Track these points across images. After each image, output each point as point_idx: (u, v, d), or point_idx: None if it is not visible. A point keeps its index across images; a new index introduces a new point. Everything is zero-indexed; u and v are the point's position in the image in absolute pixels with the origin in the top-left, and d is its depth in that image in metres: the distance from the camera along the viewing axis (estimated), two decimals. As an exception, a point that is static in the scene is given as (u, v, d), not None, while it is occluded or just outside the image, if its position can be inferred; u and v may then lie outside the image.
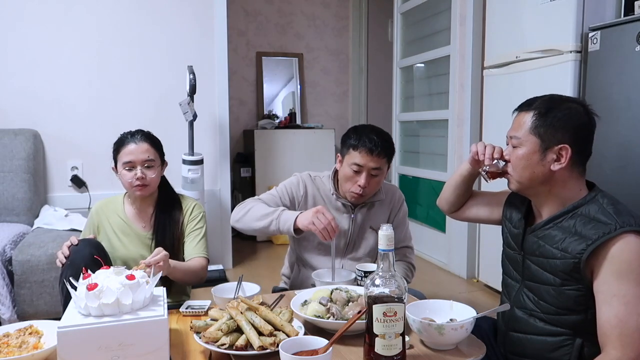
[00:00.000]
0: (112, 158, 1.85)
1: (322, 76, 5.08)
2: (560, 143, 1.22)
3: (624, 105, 2.02)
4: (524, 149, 1.25)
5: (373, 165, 1.68)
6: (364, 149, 1.67)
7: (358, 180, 1.70)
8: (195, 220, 1.86)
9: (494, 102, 2.89)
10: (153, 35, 3.24)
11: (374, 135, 1.69)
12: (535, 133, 1.24)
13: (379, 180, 1.73)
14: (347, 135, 1.76)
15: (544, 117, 1.23)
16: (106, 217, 1.86)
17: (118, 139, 1.84)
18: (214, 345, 1.14)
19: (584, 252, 1.15)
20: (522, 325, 1.30)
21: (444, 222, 3.58)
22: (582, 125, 1.24)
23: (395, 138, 4.27)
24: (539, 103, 1.26)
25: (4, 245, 2.38)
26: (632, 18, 2.00)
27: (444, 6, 3.55)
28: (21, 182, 2.80)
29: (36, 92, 3.03)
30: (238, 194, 4.51)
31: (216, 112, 3.41)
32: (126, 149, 1.77)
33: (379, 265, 1.07)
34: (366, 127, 1.76)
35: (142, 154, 1.77)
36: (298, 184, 1.82)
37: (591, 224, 1.17)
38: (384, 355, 1.04)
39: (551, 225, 1.25)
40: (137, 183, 1.75)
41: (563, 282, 1.20)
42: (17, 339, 1.25)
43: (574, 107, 1.25)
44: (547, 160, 1.23)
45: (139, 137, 1.80)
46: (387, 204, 1.86)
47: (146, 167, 1.77)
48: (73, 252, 1.64)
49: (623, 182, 2.00)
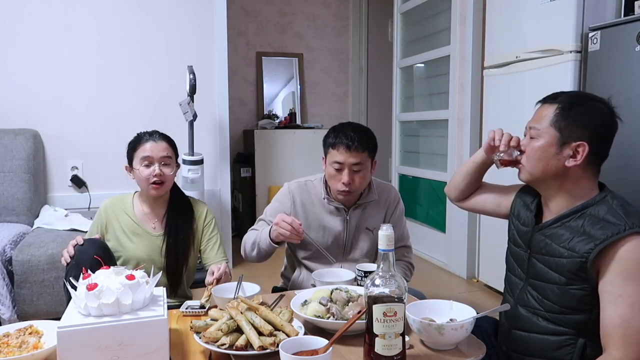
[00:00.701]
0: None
1: (322, 76, 5.08)
2: (579, 140, 1.21)
3: (624, 105, 2.01)
4: (542, 141, 1.25)
5: (353, 160, 1.69)
6: (341, 146, 1.69)
7: (341, 177, 1.70)
8: (211, 227, 1.89)
9: (494, 102, 2.89)
10: (153, 35, 3.24)
11: (350, 132, 1.71)
12: (556, 126, 1.23)
13: (363, 175, 1.73)
14: (326, 136, 1.77)
15: (567, 111, 1.22)
16: (115, 216, 1.85)
17: (134, 137, 1.85)
18: (214, 345, 1.14)
19: (591, 251, 1.14)
20: (525, 323, 1.30)
21: (444, 222, 3.58)
22: (604, 125, 1.23)
23: (395, 138, 4.27)
24: (564, 97, 1.25)
25: (4, 245, 2.37)
26: (632, 18, 2.00)
27: (444, 6, 3.55)
28: (21, 182, 2.80)
29: (36, 92, 3.03)
30: (238, 194, 4.51)
31: (216, 112, 3.41)
32: (144, 147, 1.78)
33: (379, 265, 1.07)
34: (344, 125, 1.77)
35: (161, 152, 1.78)
36: (284, 197, 1.84)
37: (599, 224, 1.17)
38: (384, 355, 1.03)
39: (559, 224, 1.24)
40: (154, 180, 1.75)
41: (568, 281, 1.20)
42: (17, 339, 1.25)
43: (599, 106, 1.24)
44: (563, 155, 1.22)
45: (157, 135, 1.82)
46: (382, 204, 1.85)
47: (164, 164, 1.78)
48: (78, 252, 1.64)
49: (623, 182, 2.00)
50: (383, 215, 1.85)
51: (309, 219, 1.80)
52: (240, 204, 4.54)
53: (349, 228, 1.80)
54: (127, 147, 1.84)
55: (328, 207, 1.80)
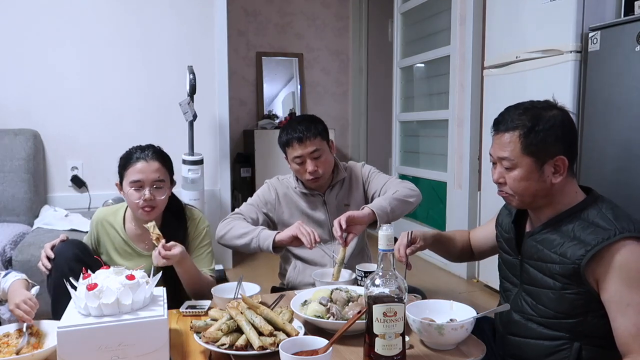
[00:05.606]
0: (117, 173, 1.71)
1: (322, 76, 5.08)
2: (555, 155, 1.21)
3: (624, 105, 2.01)
4: (521, 171, 1.23)
5: (310, 149, 1.75)
6: (294, 141, 1.76)
7: (306, 168, 1.77)
8: (200, 238, 1.78)
9: (494, 102, 2.88)
10: (153, 35, 3.24)
11: (297, 125, 1.78)
12: (528, 152, 1.21)
13: (325, 159, 1.79)
14: (279, 137, 1.84)
15: (531, 134, 1.20)
16: (105, 232, 1.75)
17: (125, 153, 1.70)
18: (214, 345, 1.14)
19: (583, 257, 1.14)
20: (519, 329, 1.30)
21: (444, 222, 3.58)
22: (569, 132, 1.24)
23: (395, 138, 4.27)
24: (518, 120, 1.23)
25: (4, 245, 2.38)
26: (632, 18, 2.00)
27: (444, 6, 3.55)
28: (21, 182, 2.80)
29: (36, 92, 3.03)
30: (238, 194, 4.51)
31: (216, 112, 3.41)
32: (135, 167, 1.63)
33: (379, 265, 1.07)
34: (290, 121, 1.85)
35: (152, 174, 1.63)
36: (269, 190, 1.91)
37: (590, 229, 1.17)
38: (384, 355, 1.04)
39: (550, 229, 1.24)
40: (144, 204, 1.62)
41: (564, 286, 1.19)
42: (17, 339, 1.25)
43: (554, 114, 1.23)
44: (546, 175, 1.22)
45: (150, 154, 1.66)
46: (354, 180, 1.91)
47: (155, 188, 1.64)
48: (56, 254, 1.57)
49: (623, 182, 2.00)
50: (361, 190, 1.91)
51: (292, 209, 1.87)
52: (240, 204, 4.52)
53: (329, 211, 1.86)
54: (118, 162, 1.70)
55: (304, 195, 1.87)
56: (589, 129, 2.18)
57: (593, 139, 2.15)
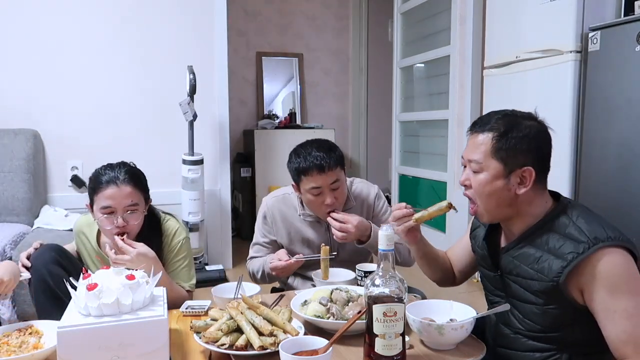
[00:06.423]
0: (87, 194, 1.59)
1: (322, 76, 5.08)
2: (523, 166, 1.19)
3: (624, 105, 2.01)
4: (487, 175, 1.21)
5: (330, 180, 1.63)
6: (313, 170, 1.62)
7: (324, 200, 1.65)
8: (174, 252, 1.68)
9: (494, 102, 2.88)
10: (153, 35, 3.24)
11: (315, 152, 1.63)
12: (497, 157, 1.19)
13: (342, 188, 1.69)
14: (290, 162, 1.69)
15: (504, 138, 1.19)
16: (82, 243, 1.71)
17: (94, 174, 1.57)
18: (214, 345, 1.14)
19: (560, 274, 1.13)
20: (508, 341, 1.29)
21: (444, 222, 3.58)
22: (542, 146, 1.22)
23: (395, 138, 4.27)
24: (495, 123, 1.22)
25: (4, 245, 2.37)
26: (632, 18, 2.00)
27: (444, 6, 3.55)
28: (21, 182, 2.80)
29: (36, 92, 3.03)
30: (238, 194, 4.51)
31: (216, 112, 3.41)
32: (105, 193, 1.51)
33: (379, 265, 1.07)
34: (305, 146, 1.68)
35: (124, 199, 1.52)
36: (264, 217, 1.82)
37: (563, 242, 1.15)
38: (384, 355, 1.04)
39: (524, 244, 1.23)
40: (117, 231, 1.52)
41: (546, 302, 1.18)
42: (17, 339, 1.25)
43: (531, 125, 1.21)
44: (512, 184, 1.20)
45: (122, 176, 1.53)
46: (363, 209, 1.81)
47: (129, 212, 1.53)
48: (33, 259, 1.54)
49: (623, 182, 2.00)
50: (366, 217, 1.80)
51: (291, 233, 1.79)
52: (240, 204, 4.53)
53: (332, 240, 1.74)
54: (88, 182, 1.60)
55: (310, 223, 1.79)
56: (589, 129, 2.18)
57: (593, 139, 2.15)
